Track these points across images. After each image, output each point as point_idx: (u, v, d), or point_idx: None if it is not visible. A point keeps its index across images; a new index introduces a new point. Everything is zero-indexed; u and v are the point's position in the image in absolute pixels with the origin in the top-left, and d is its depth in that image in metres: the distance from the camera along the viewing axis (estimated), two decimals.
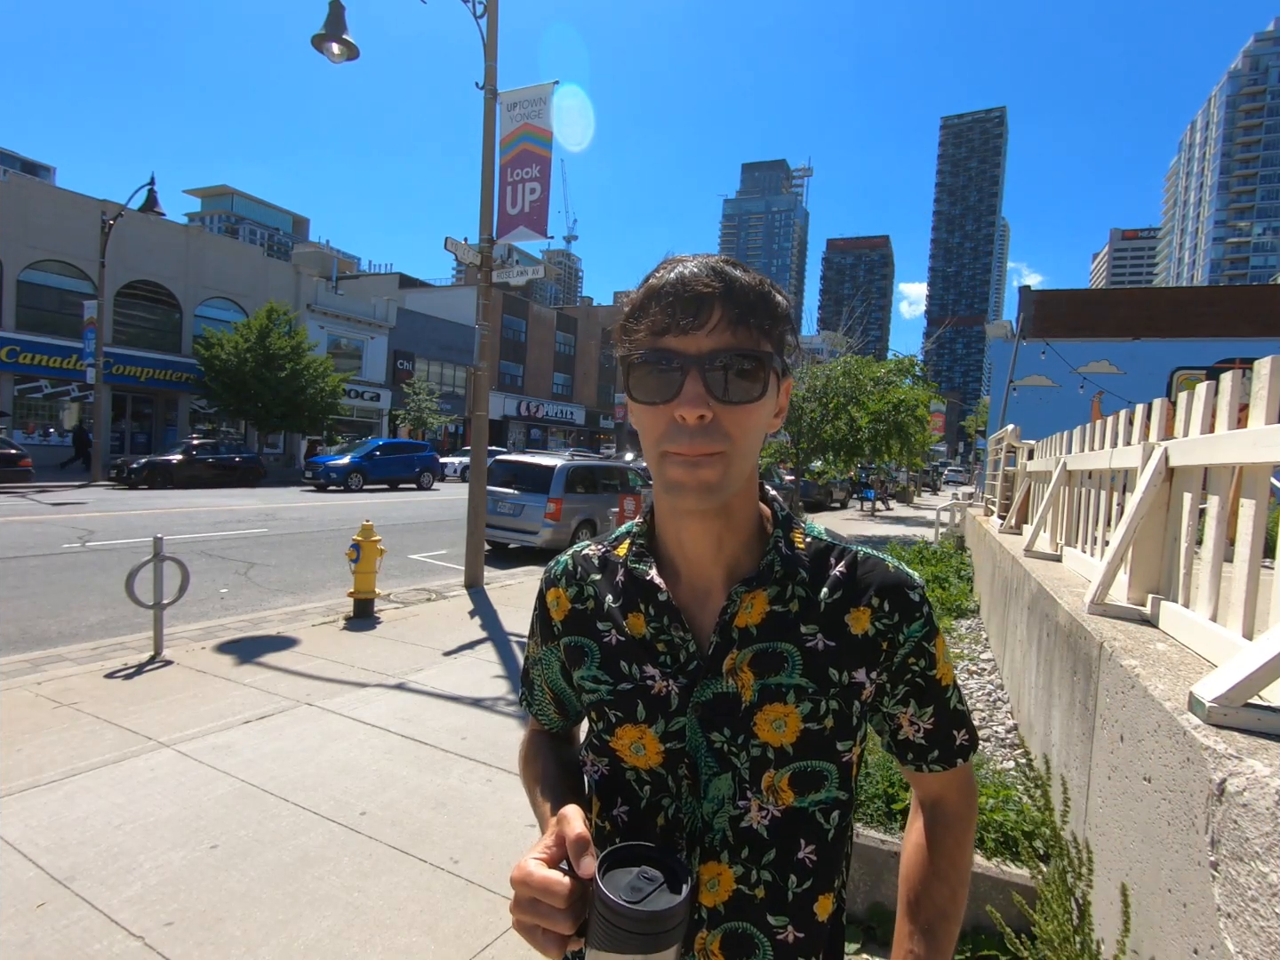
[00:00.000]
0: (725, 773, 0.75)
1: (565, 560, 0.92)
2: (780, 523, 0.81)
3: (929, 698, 0.80)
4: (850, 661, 0.76)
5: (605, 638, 0.82)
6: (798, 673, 0.75)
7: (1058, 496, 4.04)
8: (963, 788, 0.85)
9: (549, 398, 44.44)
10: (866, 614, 0.77)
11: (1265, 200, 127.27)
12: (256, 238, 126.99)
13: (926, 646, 0.79)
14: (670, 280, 0.69)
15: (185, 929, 2.27)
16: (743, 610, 0.76)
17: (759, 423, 0.72)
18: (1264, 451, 1.45)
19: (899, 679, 0.79)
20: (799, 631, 0.76)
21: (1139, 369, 18.23)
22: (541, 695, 0.95)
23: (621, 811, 0.81)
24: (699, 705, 0.75)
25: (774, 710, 0.74)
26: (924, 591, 0.81)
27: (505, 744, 3.81)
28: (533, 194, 7.95)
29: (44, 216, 22.08)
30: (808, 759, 0.75)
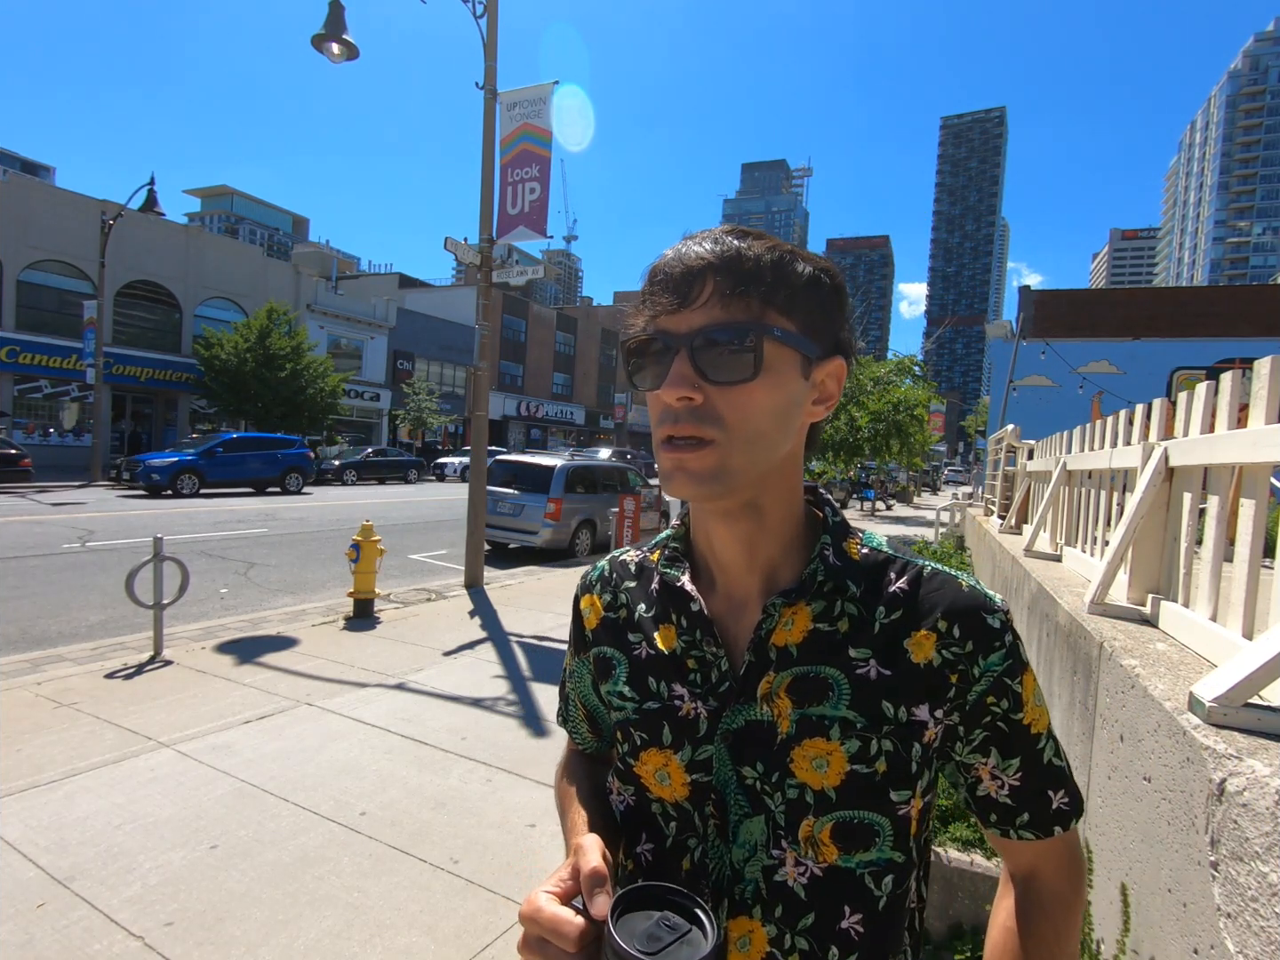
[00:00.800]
0: (758, 815, 0.66)
1: (603, 565, 0.86)
2: (831, 529, 0.71)
3: (1014, 747, 0.67)
4: (909, 695, 0.65)
5: (635, 650, 0.75)
6: (844, 704, 0.65)
7: (1058, 496, 4.04)
8: (1063, 863, 0.70)
9: (549, 398, 44.44)
10: (931, 639, 0.66)
11: (1265, 200, 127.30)
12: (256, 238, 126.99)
13: (1009, 684, 0.66)
14: (668, 258, 0.64)
15: (185, 929, 2.27)
16: (781, 626, 0.67)
17: (766, 407, 0.62)
18: (1264, 451, 1.45)
19: (975, 721, 0.67)
20: (847, 655, 0.66)
21: (1139, 369, 18.25)
22: (575, 711, 0.88)
23: (646, 850, 0.73)
24: (729, 733, 0.67)
25: (814, 746, 0.65)
26: (1007, 617, 0.68)
27: (505, 744, 3.81)
28: (533, 194, 7.95)
29: (44, 216, 22.08)
30: (854, 808, 0.64)
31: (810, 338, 0.64)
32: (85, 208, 22.77)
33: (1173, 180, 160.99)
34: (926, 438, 21.37)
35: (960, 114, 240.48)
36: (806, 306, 0.64)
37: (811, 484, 0.76)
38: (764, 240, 0.64)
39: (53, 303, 22.63)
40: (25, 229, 21.65)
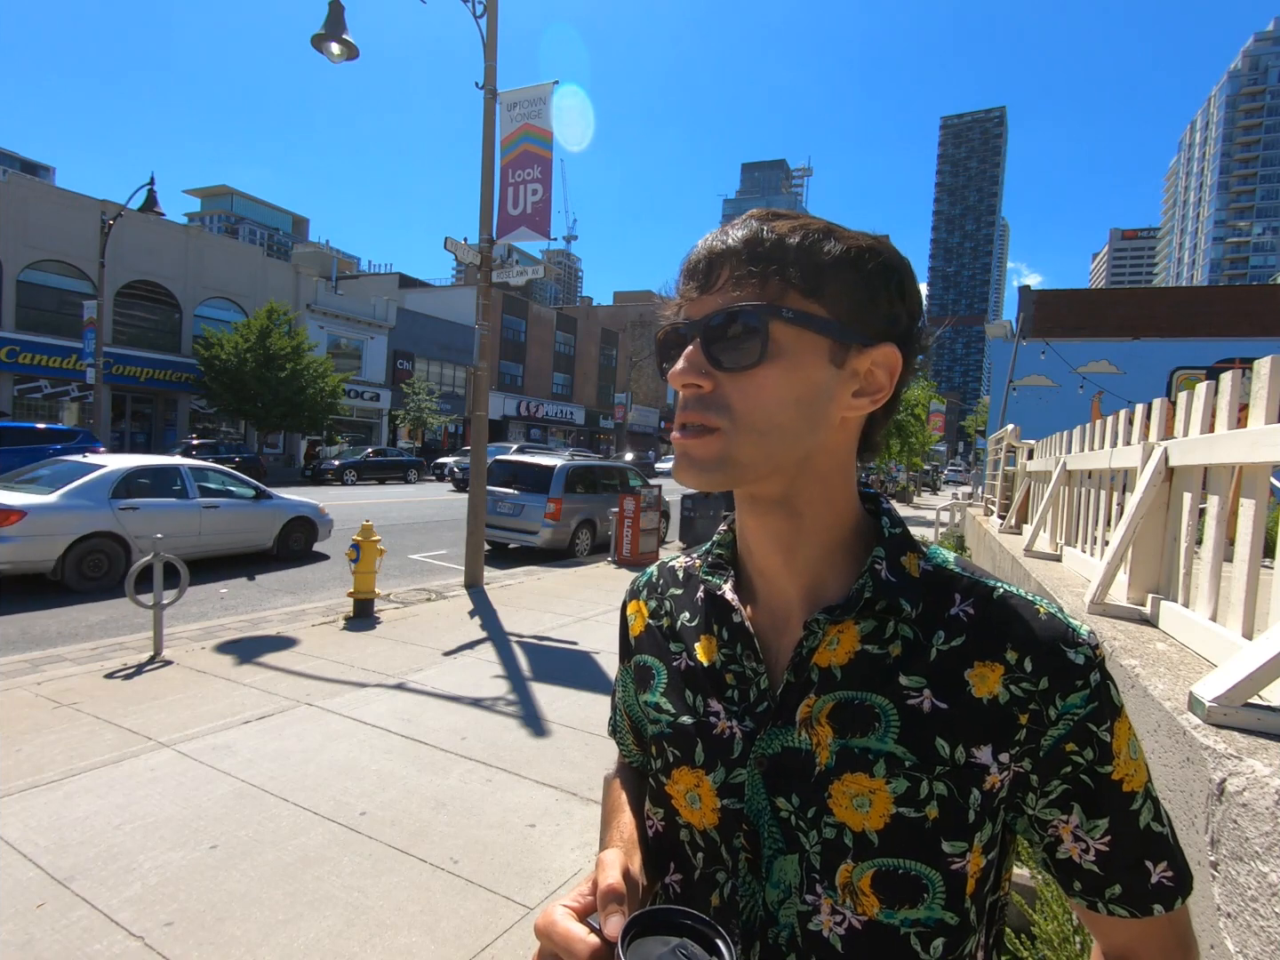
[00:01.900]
0: (792, 853, 0.60)
1: (651, 571, 0.83)
2: (887, 540, 0.64)
3: (1101, 806, 0.58)
4: (968, 734, 0.57)
5: (675, 660, 0.72)
6: (892, 737, 0.58)
7: (1057, 496, 4.04)
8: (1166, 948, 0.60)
9: (549, 398, 44.43)
10: (997, 672, 0.58)
11: (1265, 200, 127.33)
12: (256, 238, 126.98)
13: (1094, 730, 0.58)
14: (696, 247, 0.62)
15: (185, 929, 2.27)
16: (825, 645, 0.62)
17: (777, 396, 0.57)
18: (1264, 451, 1.45)
19: (1051, 771, 0.58)
20: (898, 683, 0.59)
21: (1139, 369, 18.25)
22: (622, 721, 0.85)
23: (674, 881, 0.69)
24: (763, 758, 0.62)
25: (856, 782, 0.58)
26: (1095, 653, 0.59)
27: (505, 744, 3.81)
28: (534, 195, 7.95)
29: (44, 216, 22.08)
30: (899, 856, 0.57)
31: (845, 321, 0.58)
32: (85, 208, 22.77)
33: (1173, 180, 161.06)
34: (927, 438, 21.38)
35: (960, 114, 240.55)
36: (840, 288, 0.58)
37: (873, 491, 0.70)
38: (792, 220, 0.60)
39: (53, 303, 22.63)
40: (25, 229, 21.65)
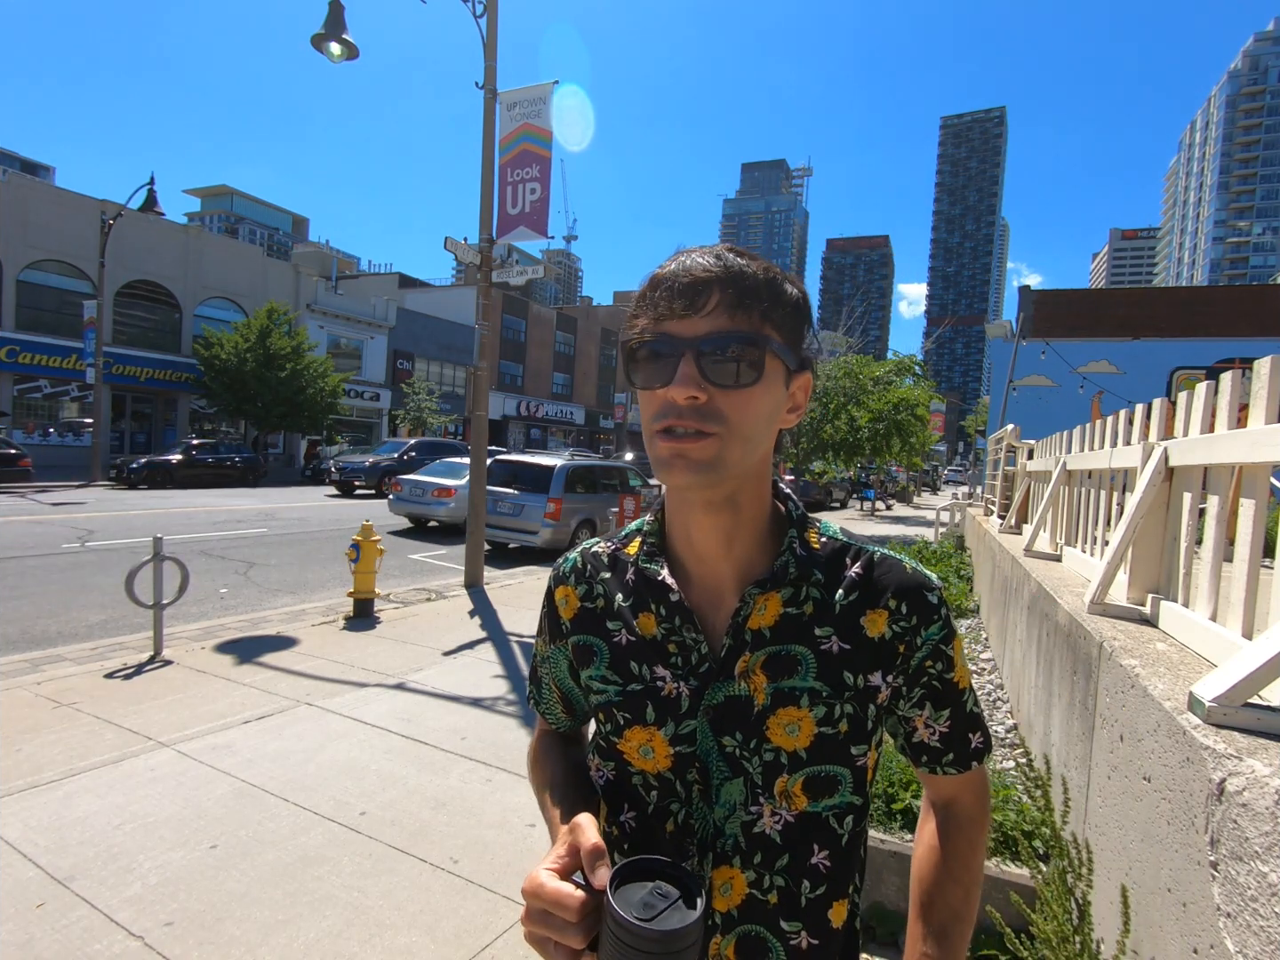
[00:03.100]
0: (737, 778, 0.74)
1: (574, 558, 0.90)
2: (795, 522, 0.79)
3: (945, 701, 0.79)
4: (866, 665, 0.74)
5: (615, 637, 0.81)
6: (812, 676, 0.73)
7: (1057, 496, 4.04)
8: (976, 790, 0.84)
9: (549, 397, 44.43)
10: (883, 616, 0.75)
11: (1265, 200, 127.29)
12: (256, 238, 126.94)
13: (944, 649, 0.77)
14: (672, 268, 0.69)
15: (185, 929, 2.27)
16: (755, 612, 0.75)
17: (760, 411, 0.69)
18: (1264, 451, 1.45)
19: (915, 682, 0.77)
20: (813, 634, 0.75)
21: (1139, 369, 18.24)
22: (549, 694, 0.96)
23: (629, 817, 0.80)
24: (710, 708, 0.74)
25: (787, 714, 0.73)
26: (942, 593, 0.79)
27: (505, 744, 3.81)
28: (533, 194, 7.95)
29: (44, 216, 22.08)
30: (821, 764, 0.73)
31: (791, 352, 0.71)
32: (85, 207, 22.77)
33: (1173, 180, 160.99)
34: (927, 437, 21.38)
35: (960, 114, 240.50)
36: (789, 325, 0.71)
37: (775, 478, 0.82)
38: (758, 261, 0.71)
39: (53, 303, 22.63)
40: (25, 229, 21.65)
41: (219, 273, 26.96)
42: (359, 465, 19.05)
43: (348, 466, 19.11)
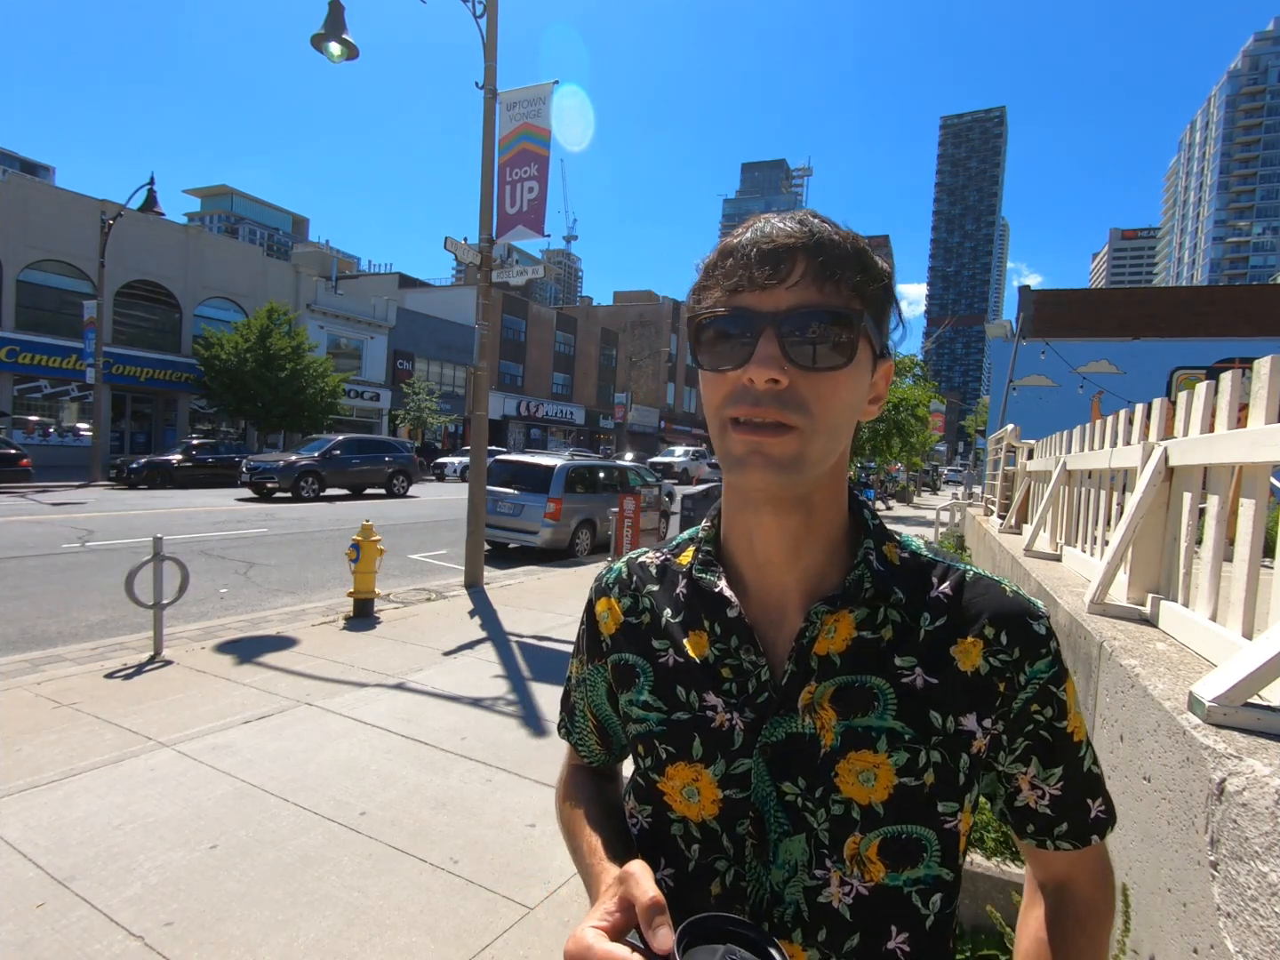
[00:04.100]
0: (799, 834, 0.63)
1: (619, 568, 0.81)
2: (872, 532, 0.68)
3: (1056, 756, 0.66)
4: (957, 704, 0.63)
5: (661, 658, 0.71)
6: (890, 714, 0.62)
7: (1057, 496, 4.04)
8: (1096, 872, 0.69)
9: (549, 397, 44.43)
10: (978, 647, 0.64)
11: (1265, 200, 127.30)
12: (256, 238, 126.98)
13: (1054, 692, 0.65)
14: (748, 235, 0.60)
15: (185, 929, 2.27)
16: (824, 634, 0.64)
17: (846, 399, 0.60)
18: (1264, 451, 1.45)
19: (1018, 730, 0.65)
20: (893, 664, 0.63)
21: (1139, 369, 18.24)
22: (583, 723, 0.84)
23: (665, 875, 0.69)
24: (768, 746, 0.63)
25: (860, 759, 0.62)
26: (1050, 624, 0.66)
27: (505, 744, 3.81)
28: (531, 193, 7.94)
29: (44, 216, 22.07)
30: (902, 823, 0.61)
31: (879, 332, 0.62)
32: (85, 207, 22.77)
33: (1173, 180, 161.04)
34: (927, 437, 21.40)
35: (960, 114, 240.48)
36: (879, 304, 0.62)
37: (850, 485, 0.72)
38: (845, 230, 0.62)
39: (53, 303, 22.63)
40: (25, 229, 21.64)
41: (219, 273, 26.96)
42: (271, 465, 17.08)
43: (259, 466, 17.13)
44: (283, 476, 16.83)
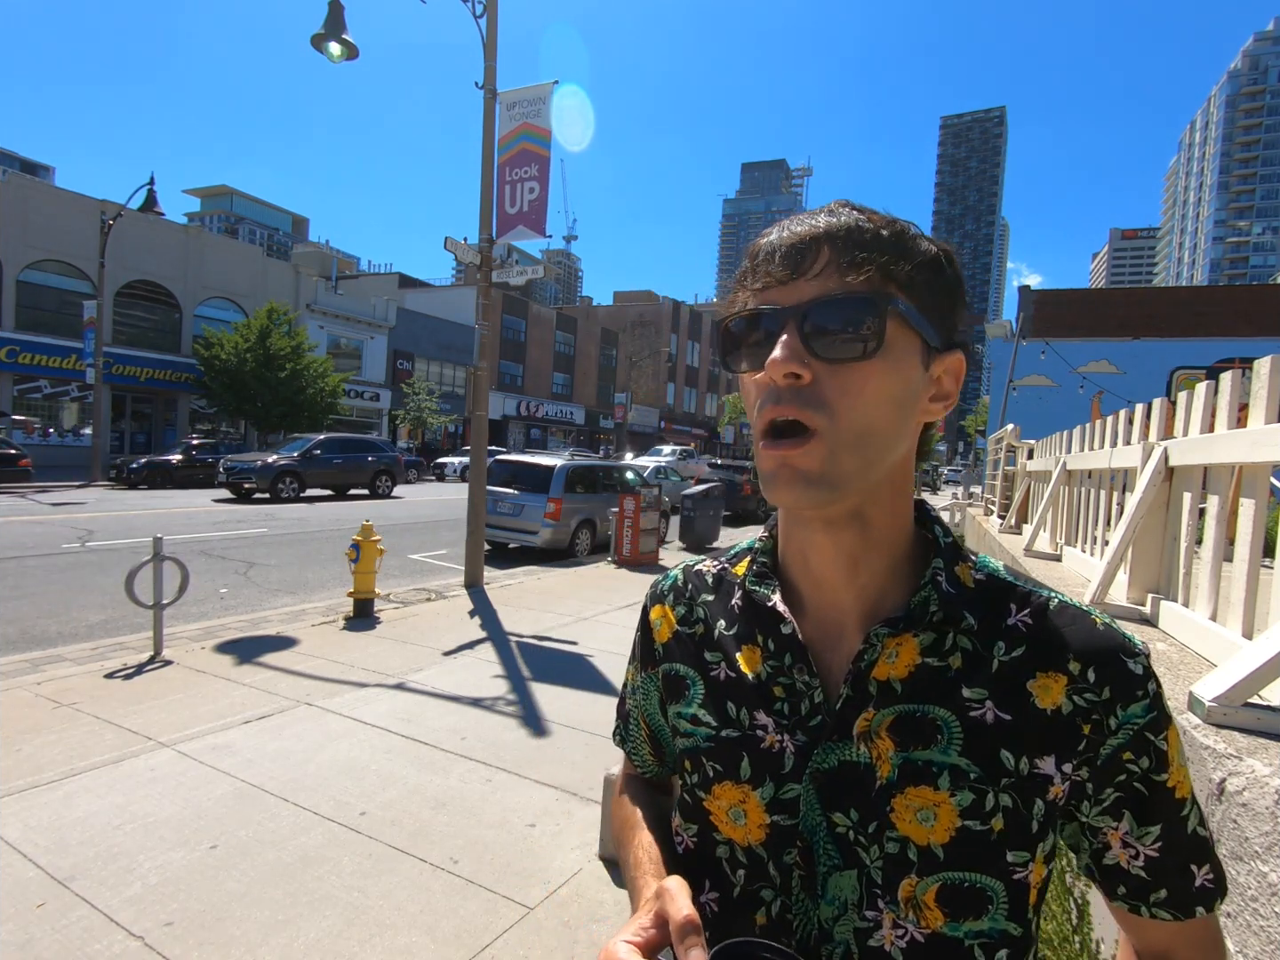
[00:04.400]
0: (850, 869, 0.59)
1: (675, 574, 0.79)
2: (943, 550, 0.64)
3: (1154, 813, 0.58)
4: (1033, 745, 0.57)
5: (712, 670, 0.68)
6: (955, 750, 0.57)
7: (1057, 496, 4.04)
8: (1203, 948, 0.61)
9: (549, 397, 44.42)
10: (1060, 683, 0.58)
11: (1265, 200, 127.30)
12: (256, 238, 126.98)
13: (1152, 740, 0.58)
14: (774, 234, 0.59)
15: (185, 929, 2.27)
16: (884, 658, 0.60)
17: (880, 394, 0.55)
18: (1264, 451, 1.45)
19: (1107, 780, 0.58)
20: (960, 695, 0.58)
21: (1139, 369, 18.24)
22: (637, 731, 0.81)
23: (710, 899, 0.66)
24: (819, 773, 0.60)
25: (919, 795, 0.57)
26: (1149, 662, 0.59)
27: (505, 744, 3.81)
28: (531, 193, 7.94)
29: (44, 216, 22.07)
30: (964, 869, 0.56)
31: (931, 323, 0.57)
32: (85, 207, 22.77)
33: (1173, 180, 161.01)
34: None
35: (960, 114, 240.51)
36: (928, 288, 0.57)
37: (918, 498, 0.68)
38: (882, 215, 0.59)
39: (53, 303, 22.63)
40: (25, 229, 21.64)
41: (219, 273, 26.96)
42: (248, 465, 16.50)
43: (236, 466, 16.58)
44: (260, 477, 16.26)
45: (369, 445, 19.81)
